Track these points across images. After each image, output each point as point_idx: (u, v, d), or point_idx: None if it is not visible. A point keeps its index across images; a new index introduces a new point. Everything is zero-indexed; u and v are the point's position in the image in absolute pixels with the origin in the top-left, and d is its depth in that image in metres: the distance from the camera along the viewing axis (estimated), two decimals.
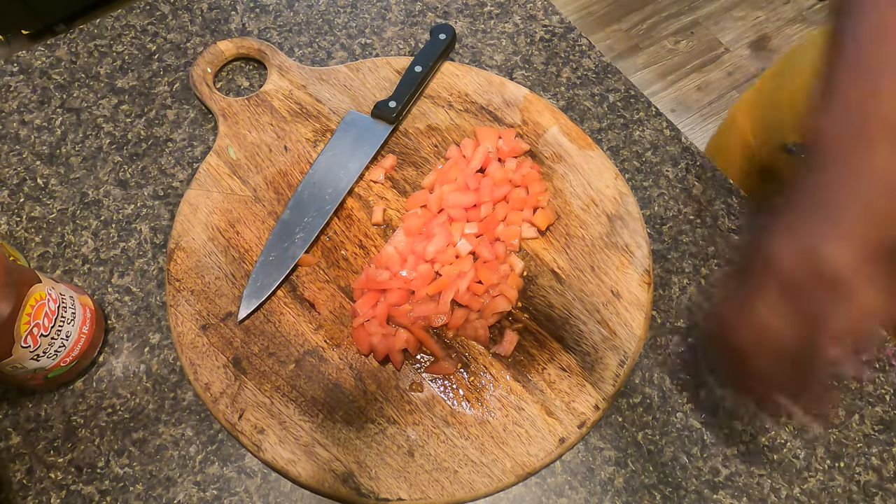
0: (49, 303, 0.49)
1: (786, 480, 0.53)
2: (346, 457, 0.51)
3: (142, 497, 0.51)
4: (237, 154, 0.63)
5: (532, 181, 0.62)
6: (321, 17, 0.73)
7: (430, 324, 0.56)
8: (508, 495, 0.52)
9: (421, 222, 0.59)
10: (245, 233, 0.60)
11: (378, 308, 0.55)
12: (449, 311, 0.56)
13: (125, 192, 0.63)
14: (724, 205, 0.64)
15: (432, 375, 0.54)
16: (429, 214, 0.60)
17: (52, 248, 0.60)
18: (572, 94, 0.69)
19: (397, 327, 0.55)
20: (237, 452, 0.53)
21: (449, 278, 0.57)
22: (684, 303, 0.59)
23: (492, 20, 0.73)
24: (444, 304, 0.56)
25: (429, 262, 0.58)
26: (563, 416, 0.53)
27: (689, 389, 0.56)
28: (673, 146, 0.67)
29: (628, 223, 0.61)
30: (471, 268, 0.57)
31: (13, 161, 0.64)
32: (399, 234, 0.59)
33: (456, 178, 0.61)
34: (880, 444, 0.54)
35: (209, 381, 0.54)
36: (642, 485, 0.53)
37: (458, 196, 0.60)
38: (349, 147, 0.63)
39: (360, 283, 0.57)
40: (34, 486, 0.51)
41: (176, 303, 0.56)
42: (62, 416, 0.54)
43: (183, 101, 0.68)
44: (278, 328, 0.56)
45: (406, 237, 0.59)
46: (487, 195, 0.60)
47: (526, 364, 0.55)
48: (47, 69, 0.69)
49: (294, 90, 0.67)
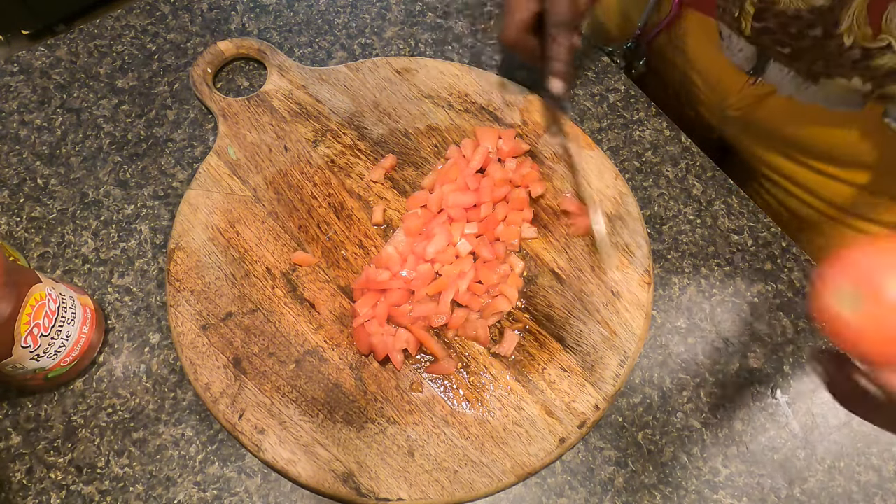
0: (49, 303, 0.49)
1: (786, 480, 0.53)
2: (346, 457, 0.51)
3: (142, 497, 0.51)
4: (237, 154, 0.63)
5: (532, 181, 0.62)
6: (321, 17, 0.73)
7: (430, 324, 0.56)
8: (508, 495, 0.52)
9: (421, 222, 0.59)
10: (245, 233, 0.60)
11: (378, 308, 0.55)
12: (449, 312, 0.56)
13: (125, 193, 0.63)
14: (724, 205, 0.64)
15: (432, 375, 0.54)
16: (429, 214, 0.60)
17: (52, 249, 0.60)
18: (572, 94, 0.69)
19: (397, 327, 0.55)
20: (237, 452, 0.53)
21: (449, 278, 0.57)
22: (684, 303, 0.59)
23: (492, 20, 0.73)
24: (445, 304, 0.56)
25: (429, 262, 0.58)
26: (563, 415, 0.53)
27: (690, 389, 0.56)
28: (673, 146, 0.67)
29: (628, 223, 0.61)
30: (471, 268, 0.57)
31: (13, 161, 0.64)
32: (399, 235, 0.59)
33: (456, 178, 0.61)
34: (880, 444, 0.54)
35: (209, 381, 0.54)
36: (642, 485, 0.53)
37: (458, 196, 0.60)
38: None
39: (360, 284, 0.57)
40: (34, 486, 0.51)
41: (176, 303, 0.56)
42: (62, 416, 0.54)
43: (183, 101, 0.68)
44: (278, 328, 0.56)
45: (406, 237, 0.59)
46: (487, 195, 0.60)
47: (526, 364, 0.55)
48: (47, 69, 0.69)
49: (294, 90, 0.67)
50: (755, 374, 0.57)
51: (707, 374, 0.57)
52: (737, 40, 0.60)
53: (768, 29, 0.51)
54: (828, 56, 0.52)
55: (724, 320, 0.59)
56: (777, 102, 0.63)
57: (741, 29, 0.54)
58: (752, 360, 0.57)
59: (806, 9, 0.49)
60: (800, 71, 0.55)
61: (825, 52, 0.51)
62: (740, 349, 0.58)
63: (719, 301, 0.60)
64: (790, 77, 0.59)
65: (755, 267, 0.61)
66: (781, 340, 0.58)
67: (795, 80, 0.59)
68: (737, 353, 0.57)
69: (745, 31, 0.54)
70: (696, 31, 0.68)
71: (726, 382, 0.56)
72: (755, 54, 0.59)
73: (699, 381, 0.56)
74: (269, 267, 0.58)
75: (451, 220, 0.60)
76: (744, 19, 0.53)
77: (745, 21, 0.53)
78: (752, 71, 0.62)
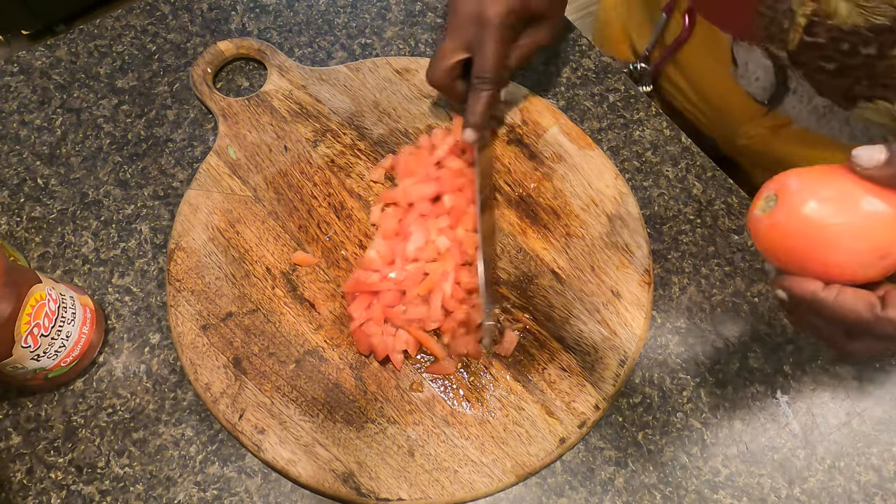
0: (49, 303, 0.49)
1: (786, 480, 0.53)
2: (346, 457, 0.51)
3: (142, 497, 0.51)
4: (237, 154, 0.63)
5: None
6: (321, 17, 0.73)
7: (425, 327, 0.55)
8: (509, 495, 0.52)
9: (395, 221, 0.59)
10: (245, 233, 0.60)
11: (373, 310, 0.55)
12: (441, 317, 0.55)
13: (125, 193, 0.63)
14: (724, 205, 0.64)
15: (432, 375, 0.54)
16: (400, 211, 0.60)
17: (53, 249, 0.60)
18: (572, 94, 0.69)
19: (397, 328, 0.55)
20: (237, 452, 0.53)
21: (436, 276, 0.56)
22: (684, 303, 0.59)
23: None
24: (436, 309, 0.55)
25: (414, 261, 0.57)
26: (563, 415, 0.53)
27: (690, 389, 0.56)
28: (673, 146, 0.67)
29: (628, 223, 0.61)
30: (453, 267, 0.57)
31: (13, 161, 0.64)
32: (378, 238, 0.59)
33: (416, 170, 0.61)
34: (880, 444, 0.54)
35: (209, 381, 0.54)
36: (642, 484, 0.53)
37: (421, 187, 0.60)
38: None
39: (350, 287, 0.56)
40: (34, 486, 0.52)
41: (176, 303, 0.56)
42: (62, 416, 0.54)
43: (183, 101, 0.68)
44: (278, 328, 0.56)
45: (384, 239, 0.59)
46: (448, 185, 0.60)
47: (526, 364, 0.55)
48: (47, 69, 0.69)
49: (294, 90, 0.67)
50: (755, 373, 0.57)
51: (707, 374, 0.57)
52: (754, 67, 0.58)
53: (818, 44, 0.49)
54: (875, 76, 0.50)
55: (724, 320, 0.59)
56: (792, 134, 0.62)
57: (785, 42, 0.52)
58: (752, 360, 0.57)
59: (865, 26, 0.47)
60: (836, 91, 0.53)
61: (874, 71, 0.50)
62: (740, 349, 0.58)
63: (719, 301, 0.60)
64: (808, 109, 0.57)
65: (755, 267, 0.61)
66: (781, 340, 0.58)
67: (815, 113, 0.57)
68: (737, 353, 0.57)
69: (791, 44, 0.51)
70: (706, 57, 0.66)
71: (726, 382, 0.56)
72: (773, 84, 0.57)
73: (699, 381, 0.56)
74: (269, 267, 0.58)
75: (423, 216, 0.59)
76: (793, 31, 0.51)
77: (793, 34, 0.51)
78: (768, 101, 0.60)
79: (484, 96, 0.57)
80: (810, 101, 0.57)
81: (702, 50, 0.66)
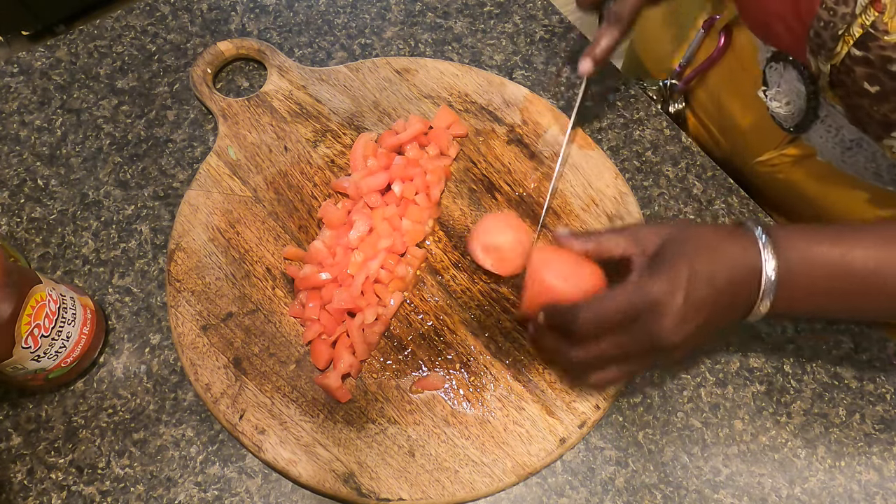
0: (49, 304, 0.49)
1: (786, 480, 0.53)
2: (346, 457, 0.52)
3: (143, 498, 0.51)
4: (237, 154, 0.63)
5: (435, 176, 0.61)
6: (321, 17, 0.73)
7: (350, 308, 0.55)
8: (509, 495, 0.52)
9: (343, 213, 0.59)
10: (245, 233, 0.60)
11: (322, 315, 0.55)
12: (359, 294, 0.55)
13: (125, 193, 0.63)
14: (724, 204, 0.64)
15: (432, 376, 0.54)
16: (350, 203, 0.60)
17: (53, 249, 0.60)
18: (572, 94, 0.69)
19: (342, 351, 0.54)
20: (238, 453, 0.53)
21: (368, 255, 0.56)
22: None
23: (492, 20, 0.73)
24: (356, 287, 0.55)
25: (353, 251, 0.57)
26: (563, 415, 0.53)
27: (690, 388, 0.56)
28: (673, 146, 0.67)
29: (628, 223, 0.61)
30: (383, 251, 0.57)
31: (13, 162, 0.64)
32: (325, 229, 0.59)
33: (368, 159, 0.61)
34: (881, 444, 0.54)
35: (210, 381, 0.54)
36: (643, 484, 0.53)
37: (371, 180, 0.59)
38: None
39: (298, 284, 0.56)
40: (35, 486, 0.52)
41: (176, 303, 0.57)
42: (63, 416, 0.54)
43: (183, 101, 0.68)
44: (279, 328, 0.56)
45: (330, 230, 0.58)
46: (399, 173, 0.60)
47: (526, 364, 0.55)
48: (47, 70, 0.69)
49: (294, 90, 0.67)
50: (755, 373, 0.57)
51: (707, 374, 0.57)
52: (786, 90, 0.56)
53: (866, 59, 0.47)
54: None
55: None
56: (815, 167, 0.60)
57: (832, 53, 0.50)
58: (753, 359, 0.57)
59: None
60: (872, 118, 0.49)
61: None
62: (740, 349, 0.58)
63: None
64: (835, 140, 0.56)
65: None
66: (781, 340, 0.58)
67: (840, 145, 0.56)
68: (737, 353, 0.57)
69: (838, 58, 0.49)
70: (736, 77, 0.65)
71: (726, 382, 0.56)
72: (802, 110, 0.56)
73: (699, 381, 0.56)
74: (270, 267, 0.58)
75: (369, 207, 0.59)
76: (844, 43, 0.49)
77: (842, 45, 0.49)
78: (794, 128, 0.58)
79: (615, 33, 0.57)
80: (838, 132, 0.56)
81: (733, 69, 0.65)
